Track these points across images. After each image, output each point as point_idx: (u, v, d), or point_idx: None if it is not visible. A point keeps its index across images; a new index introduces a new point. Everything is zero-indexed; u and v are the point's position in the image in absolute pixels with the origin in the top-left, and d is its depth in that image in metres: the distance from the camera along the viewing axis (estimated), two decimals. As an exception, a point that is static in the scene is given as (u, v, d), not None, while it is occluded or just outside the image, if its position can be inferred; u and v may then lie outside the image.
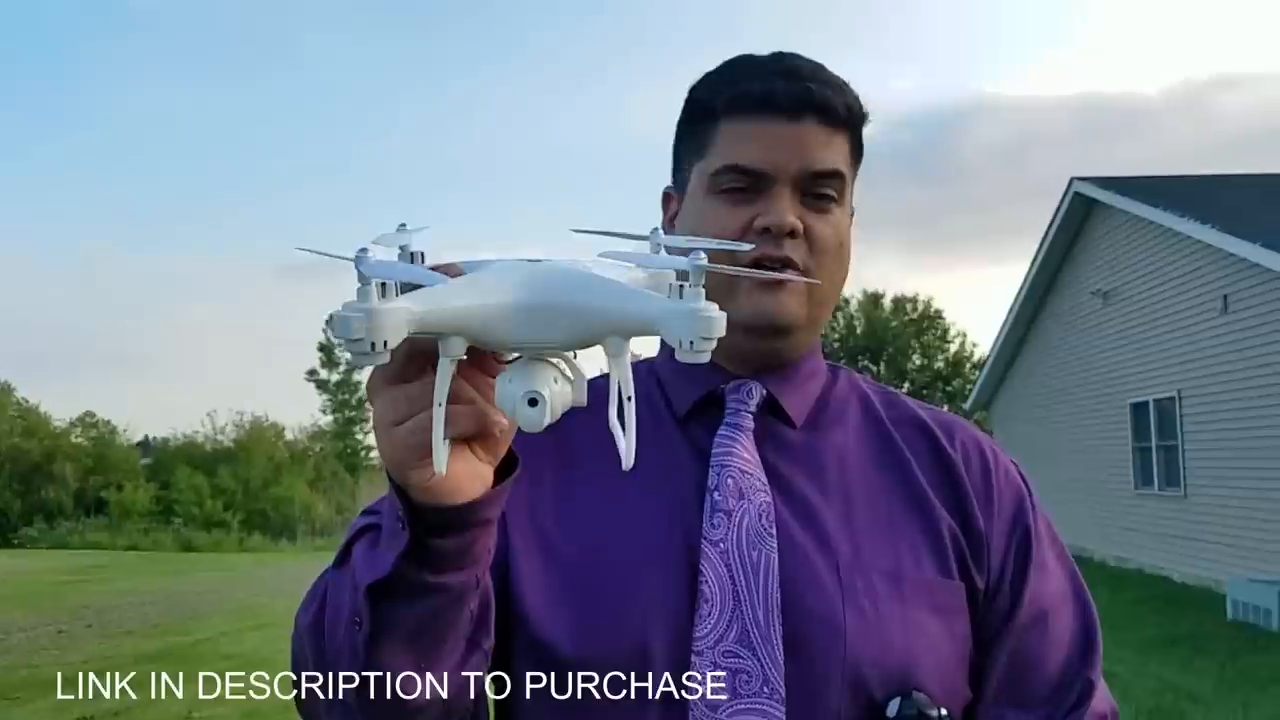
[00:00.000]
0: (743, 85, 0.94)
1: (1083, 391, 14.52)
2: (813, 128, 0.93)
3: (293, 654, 0.82)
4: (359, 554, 0.75)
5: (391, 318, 0.53)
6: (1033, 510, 0.98)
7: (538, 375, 0.60)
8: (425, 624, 0.72)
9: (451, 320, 0.57)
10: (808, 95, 0.92)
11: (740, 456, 0.92)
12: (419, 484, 0.65)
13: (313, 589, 0.81)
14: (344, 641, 0.73)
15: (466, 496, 0.67)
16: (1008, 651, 0.92)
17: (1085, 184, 13.76)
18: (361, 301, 0.53)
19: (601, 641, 0.85)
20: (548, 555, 0.90)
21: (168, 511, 25.67)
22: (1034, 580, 0.94)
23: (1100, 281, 13.76)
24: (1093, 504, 13.90)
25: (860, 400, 1.03)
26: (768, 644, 0.84)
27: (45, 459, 26.98)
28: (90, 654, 8.42)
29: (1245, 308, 10.39)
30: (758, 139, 0.92)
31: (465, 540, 0.69)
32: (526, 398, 0.59)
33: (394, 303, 0.54)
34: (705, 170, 0.95)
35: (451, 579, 0.70)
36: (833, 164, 0.94)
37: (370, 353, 0.54)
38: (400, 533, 0.68)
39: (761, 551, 0.87)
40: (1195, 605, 9.95)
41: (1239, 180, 13.70)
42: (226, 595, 12.50)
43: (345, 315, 0.53)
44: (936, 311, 36.90)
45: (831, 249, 0.94)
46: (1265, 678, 6.95)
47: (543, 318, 0.58)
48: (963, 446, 0.99)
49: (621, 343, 0.59)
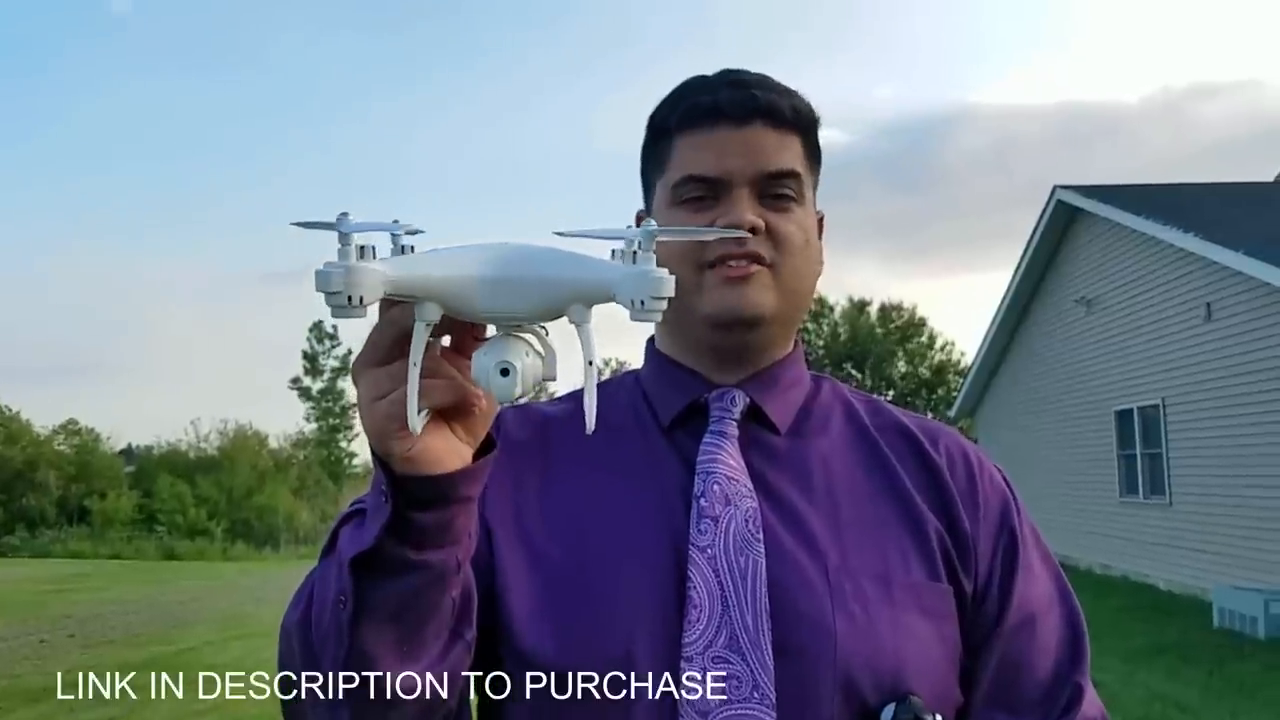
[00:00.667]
0: (692, 100, 0.98)
1: (1067, 399, 14.58)
2: (762, 131, 0.96)
3: (279, 655, 0.82)
4: (344, 536, 0.78)
5: (369, 275, 0.59)
6: (1018, 514, 0.99)
7: (510, 348, 0.65)
8: (407, 604, 0.74)
9: (424, 285, 0.62)
10: (753, 101, 0.96)
11: (726, 463, 0.93)
12: (399, 454, 0.68)
13: (300, 588, 0.83)
14: (330, 625, 0.75)
15: (446, 468, 0.70)
16: (996, 656, 0.93)
17: (1068, 192, 13.83)
18: (342, 259, 0.59)
19: (587, 648, 0.85)
20: (533, 562, 0.90)
21: (151, 520, 25.54)
22: (1021, 584, 0.95)
23: (1084, 289, 13.83)
24: (1077, 512, 13.94)
25: (844, 407, 1.04)
26: (757, 649, 0.84)
27: (27, 467, 26.82)
28: (73, 664, 8.36)
29: (1229, 315, 10.45)
30: (710, 148, 0.96)
31: (445, 516, 0.72)
32: (499, 368, 0.64)
33: (372, 263, 0.60)
34: (666, 184, 0.99)
35: (432, 556, 0.73)
36: (786, 164, 0.96)
37: (347, 306, 0.59)
38: (383, 506, 0.71)
39: (749, 557, 0.87)
40: (1181, 613, 9.98)
41: (1221, 188, 13.79)
42: (210, 604, 12.44)
43: (326, 270, 0.59)
44: (920, 319, 37.05)
45: (796, 244, 0.96)
46: (1252, 685, 6.97)
47: (508, 288, 0.63)
48: (947, 452, 1.00)
49: (584, 310, 0.64)
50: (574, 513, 0.92)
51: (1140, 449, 12.43)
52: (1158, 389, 11.93)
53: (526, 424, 1.00)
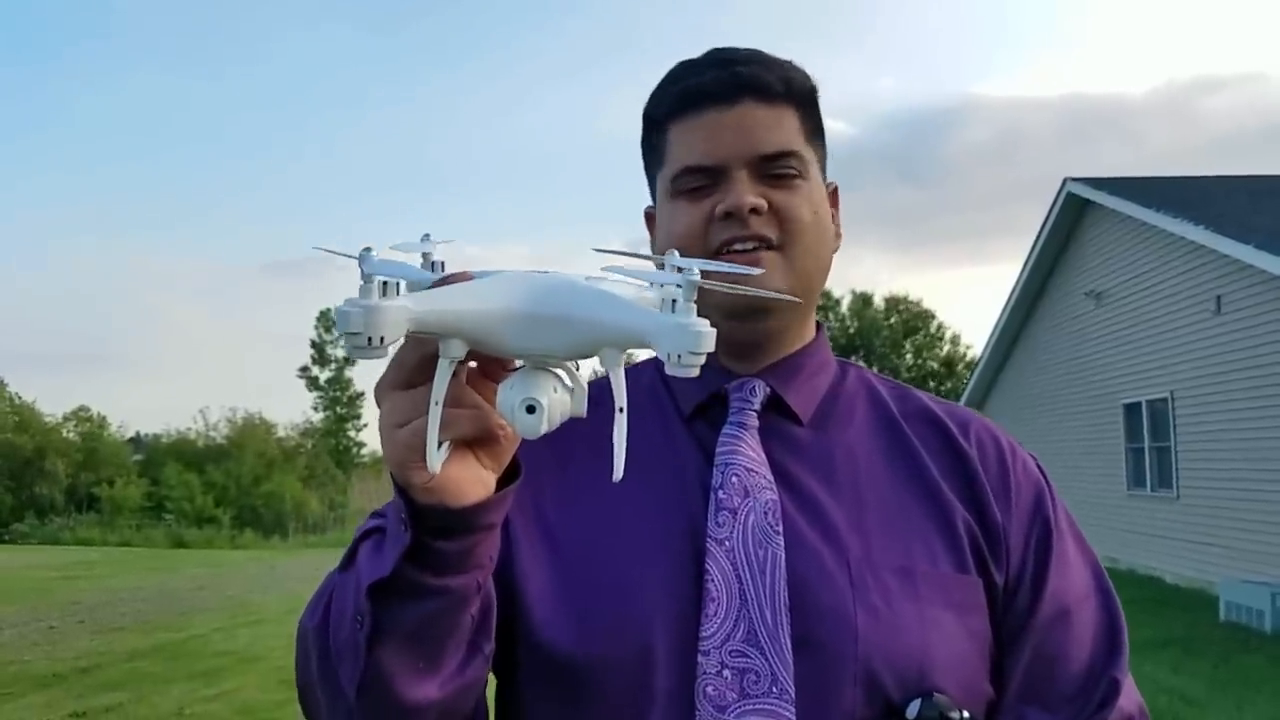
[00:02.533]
0: (680, 86, 0.95)
1: (1075, 392, 14.55)
2: (753, 108, 0.93)
3: (297, 657, 0.82)
4: (363, 555, 0.76)
5: (390, 315, 0.55)
6: (1053, 504, 0.95)
7: (537, 383, 0.61)
8: (426, 625, 0.72)
9: (450, 322, 0.58)
10: (738, 78, 0.93)
11: (745, 454, 0.90)
12: (419, 484, 0.65)
13: (318, 592, 0.82)
14: (347, 640, 0.74)
15: (468, 500, 0.68)
16: (1030, 649, 0.89)
17: (1078, 184, 13.77)
18: (363, 298, 0.55)
19: (605, 640, 0.84)
20: (551, 552, 0.89)
21: (159, 508, 25.64)
22: (1055, 575, 0.92)
23: (1093, 282, 13.78)
24: (1085, 505, 13.91)
25: (869, 394, 1.01)
26: (776, 643, 0.82)
27: (37, 454, 26.92)
28: (82, 650, 8.40)
29: (1238, 309, 10.41)
30: (702, 134, 0.93)
31: (467, 544, 0.70)
32: (524, 404, 0.60)
33: (394, 300, 0.56)
34: (666, 178, 0.97)
35: (452, 582, 0.71)
36: (781, 144, 0.93)
37: (368, 347, 0.55)
38: (403, 534, 0.68)
39: (768, 549, 0.85)
40: (1188, 606, 9.97)
41: (1231, 181, 13.72)
42: (218, 591, 12.49)
43: (346, 310, 0.55)
44: (927, 312, 36.97)
45: (803, 219, 0.93)
46: (1258, 679, 6.96)
47: (539, 326, 0.60)
48: (978, 439, 0.97)
49: (616, 354, 0.61)
50: (593, 504, 0.90)
51: (1148, 442, 12.40)
52: (1166, 382, 11.89)
53: None
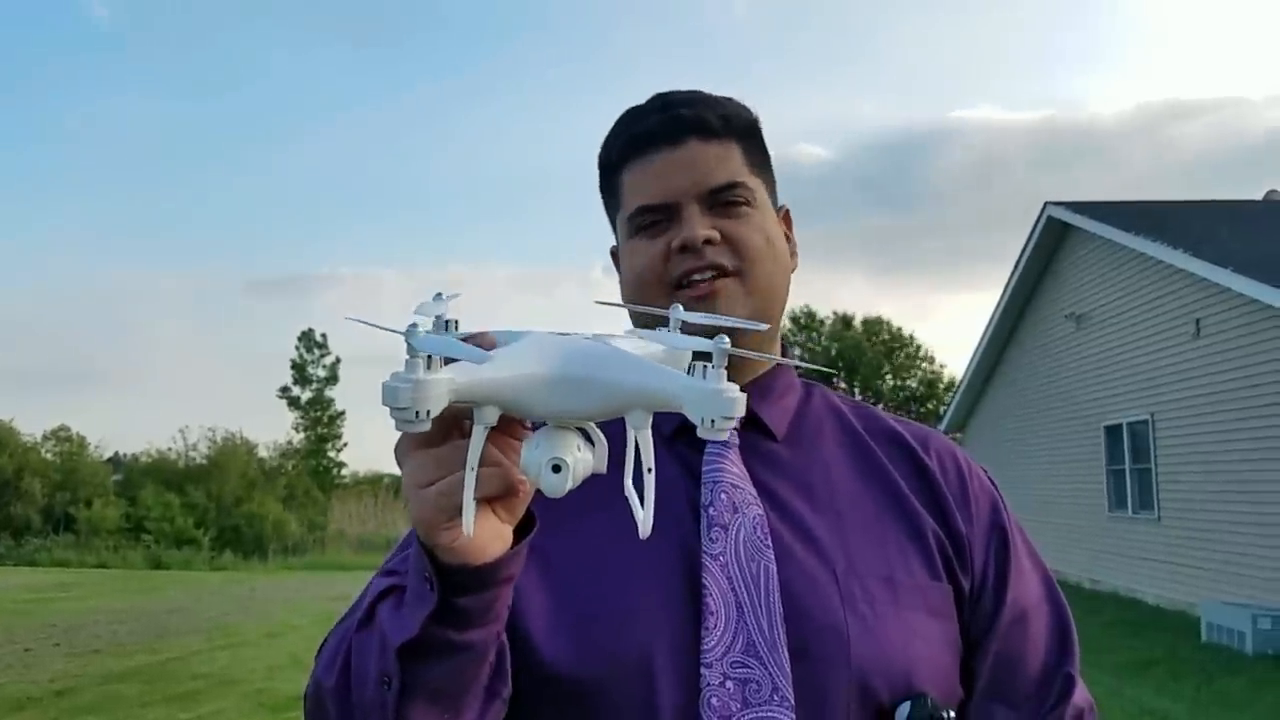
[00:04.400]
0: (628, 132, 1.02)
1: (1057, 414, 14.62)
2: (697, 146, 0.99)
3: (309, 713, 0.84)
4: (384, 615, 0.78)
5: (435, 389, 0.58)
6: (1006, 514, 1.02)
7: (561, 443, 0.63)
8: (450, 680, 0.75)
9: (488, 391, 0.60)
10: (681, 120, 0.99)
11: (730, 472, 0.94)
12: (446, 545, 0.68)
13: (333, 649, 0.84)
14: (373, 700, 0.76)
15: (490, 556, 0.70)
16: (993, 651, 0.96)
17: (1058, 209, 13.90)
18: (409, 373, 0.57)
19: (607, 657, 0.86)
20: (546, 576, 0.90)
21: (138, 529, 25.38)
22: (1014, 582, 0.98)
23: (1074, 305, 13.88)
24: (1067, 526, 13.96)
25: (834, 414, 1.06)
26: (774, 652, 0.85)
27: (15, 475, 26.65)
28: (57, 673, 8.30)
29: (1217, 331, 10.50)
30: (652, 174, 0.99)
31: (488, 599, 0.72)
32: (550, 464, 0.62)
33: (438, 374, 0.58)
34: (623, 219, 1.02)
35: (474, 636, 0.74)
36: (727, 176, 0.99)
37: (414, 420, 0.58)
38: (428, 594, 0.71)
39: (760, 563, 0.89)
40: (1169, 628, 10.00)
41: (1210, 206, 13.88)
42: (197, 614, 12.36)
43: (394, 385, 0.57)
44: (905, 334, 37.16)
45: (756, 246, 0.98)
46: (1240, 700, 6.98)
47: (572, 390, 0.61)
48: (938, 455, 1.03)
49: (644, 415, 0.62)
50: (583, 527, 0.92)
51: (1129, 464, 12.47)
52: (1147, 404, 11.97)
53: None
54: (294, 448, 33.84)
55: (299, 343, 34.67)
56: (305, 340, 34.52)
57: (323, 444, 34.32)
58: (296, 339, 34.75)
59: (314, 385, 34.58)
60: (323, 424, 34.35)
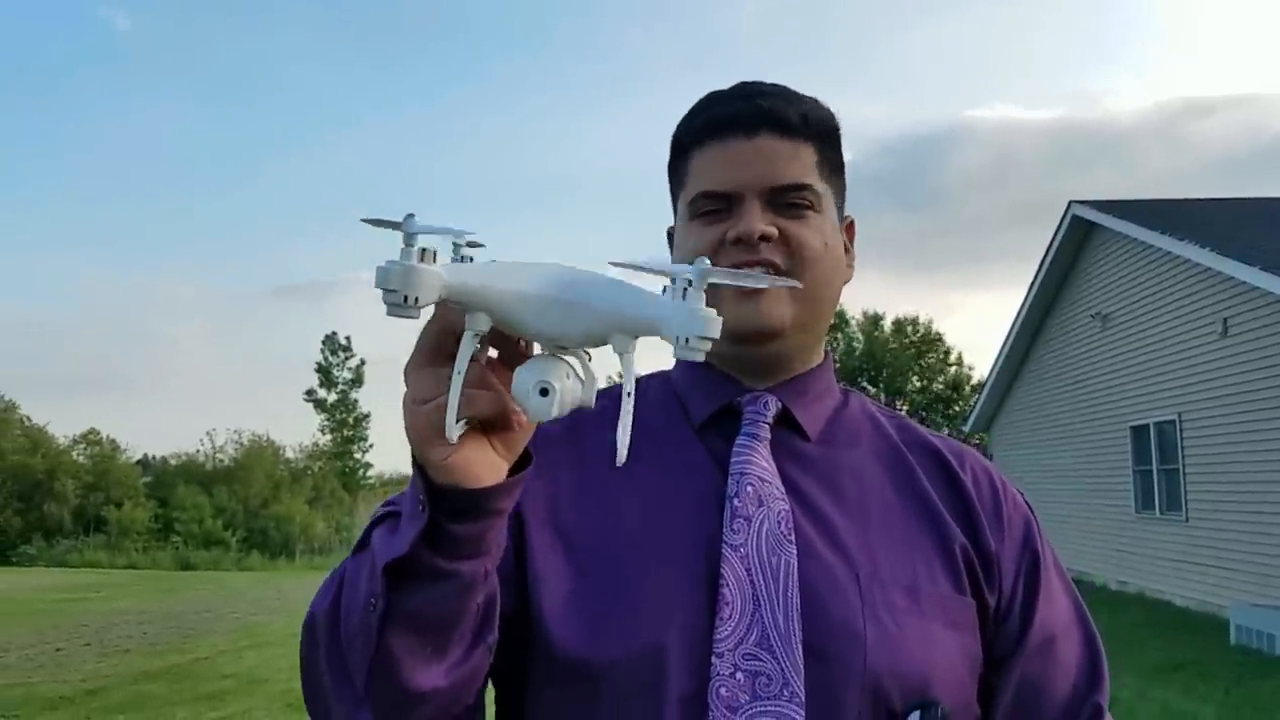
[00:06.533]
0: (705, 115, 1.00)
1: (1083, 414, 14.51)
2: (772, 141, 0.97)
3: (303, 649, 0.85)
4: (378, 537, 0.80)
5: (427, 277, 0.60)
6: (1040, 537, 1.01)
7: (552, 369, 0.66)
8: (435, 610, 0.75)
9: (479, 296, 0.63)
10: (759, 111, 0.97)
11: (758, 465, 0.94)
12: (437, 461, 0.69)
13: (329, 578, 0.85)
14: (359, 625, 0.77)
15: (482, 483, 0.71)
16: (1017, 674, 0.94)
17: (1083, 207, 13.79)
18: (403, 259, 0.60)
19: (619, 642, 0.86)
20: (568, 555, 0.91)
21: (167, 530, 25.61)
22: (1043, 604, 0.97)
23: (1099, 304, 13.78)
24: (1094, 527, 13.86)
25: (871, 420, 1.05)
26: (788, 647, 0.85)
27: (48, 476, 26.94)
28: (88, 672, 8.39)
29: (1245, 330, 10.39)
30: (721, 162, 0.98)
31: (478, 528, 0.73)
32: (538, 387, 0.65)
33: (431, 266, 0.61)
34: (685, 200, 1.01)
35: (463, 566, 0.74)
36: (795, 177, 0.97)
37: (403, 305, 0.60)
38: (419, 514, 0.72)
39: (781, 557, 0.88)
40: (1198, 630, 9.91)
41: (1237, 204, 13.72)
42: (224, 614, 12.47)
43: (385, 267, 0.60)
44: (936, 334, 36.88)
45: (813, 250, 0.97)
46: (1269, 703, 6.91)
47: (558, 309, 0.64)
48: (973, 472, 1.02)
49: (627, 340, 0.65)
50: (608, 509, 0.93)
51: (1157, 464, 12.35)
52: (1174, 404, 11.86)
53: (560, 417, 1.01)
54: (320, 449, 34.03)
55: (324, 345, 34.88)
56: (330, 343, 34.73)
57: (349, 445, 34.50)
58: (321, 342, 34.97)
59: (339, 388, 34.76)
60: (348, 426, 34.53)
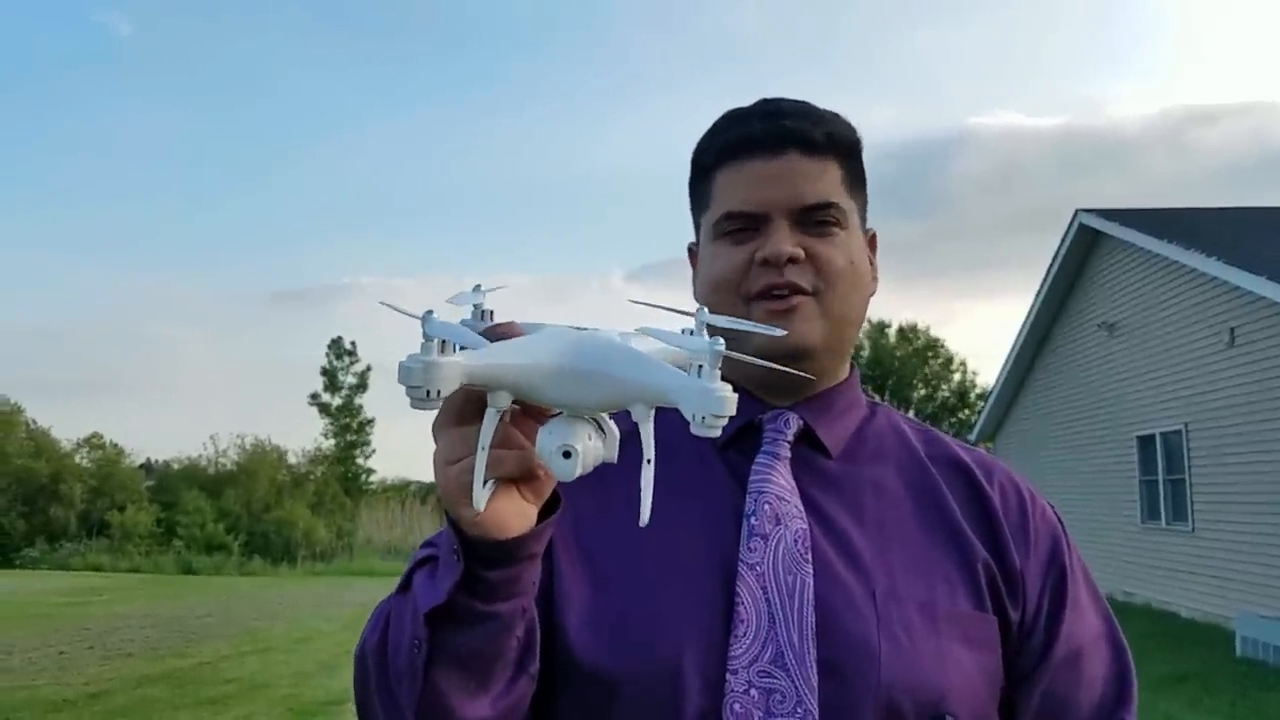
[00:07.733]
0: (728, 135, 1.00)
1: (1089, 424, 14.49)
2: (797, 160, 0.97)
3: (356, 676, 0.87)
4: (419, 582, 0.81)
5: (447, 370, 0.62)
6: (1069, 551, 1.00)
7: (573, 431, 0.67)
8: (477, 649, 0.78)
9: (498, 377, 0.66)
10: (784, 131, 0.97)
11: (777, 484, 0.94)
12: (467, 519, 0.71)
13: (377, 613, 0.87)
14: (405, 665, 0.79)
15: (512, 532, 0.73)
16: (1041, 689, 0.94)
17: (1089, 215, 13.79)
18: (423, 355, 0.62)
19: (638, 658, 0.87)
20: (590, 575, 0.92)
21: (169, 534, 25.61)
22: (1069, 619, 0.96)
23: (1105, 313, 13.76)
24: (1099, 537, 13.82)
25: (897, 435, 1.05)
26: (802, 666, 0.85)
27: (52, 479, 26.98)
28: (90, 676, 8.39)
29: (1252, 341, 10.37)
30: (747, 182, 0.98)
31: (511, 573, 0.75)
32: (561, 450, 0.66)
33: (450, 358, 0.63)
34: (709, 221, 1.01)
35: (500, 607, 0.76)
36: (822, 195, 0.97)
37: (426, 399, 0.62)
38: (455, 564, 0.75)
39: (797, 576, 0.89)
40: (1203, 642, 9.87)
41: (1244, 213, 13.72)
42: (227, 619, 12.47)
43: (408, 365, 0.62)
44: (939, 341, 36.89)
45: (839, 269, 0.97)
46: (1275, 715, 6.89)
47: (576, 381, 0.66)
48: (1000, 486, 1.01)
49: (645, 410, 0.67)
50: (628, 526, 0.93)
51: (1163, 475, 12.33)
52: (1181, 414, 11.84)
53: None
54: (323, 454, 34.04)
55: (329, 350, 34.91)
56: (335, 348, 34.72)
57: (352, 450, 34.51)
58: (327, 346, 34.96)
59: (343, 392, 34.80)
60: (352, 430, 34.53)
